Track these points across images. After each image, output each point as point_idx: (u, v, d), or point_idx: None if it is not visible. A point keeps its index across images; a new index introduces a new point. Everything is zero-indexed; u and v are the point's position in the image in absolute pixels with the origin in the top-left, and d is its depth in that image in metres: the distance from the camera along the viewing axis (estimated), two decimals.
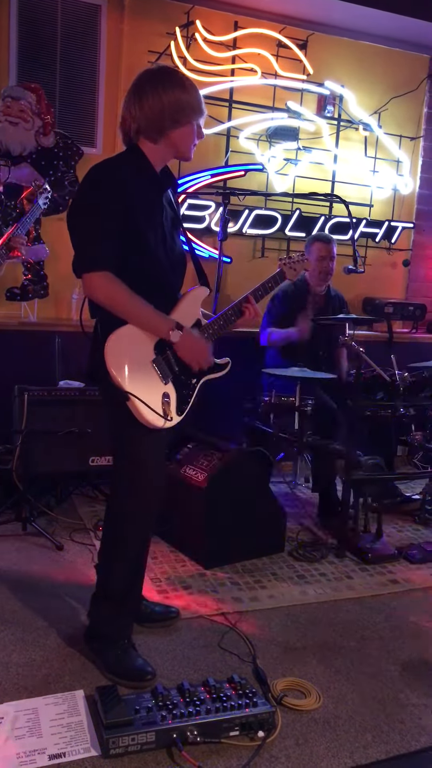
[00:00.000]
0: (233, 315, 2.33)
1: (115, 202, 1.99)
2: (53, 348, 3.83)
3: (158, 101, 2.02)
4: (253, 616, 2.59)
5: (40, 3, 4.02)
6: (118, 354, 2.03)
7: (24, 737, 1.83)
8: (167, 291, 2.17)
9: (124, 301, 2.02)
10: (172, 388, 2.15)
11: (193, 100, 2.07)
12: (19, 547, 3.08)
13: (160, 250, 2.11)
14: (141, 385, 2.05)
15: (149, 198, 2.11)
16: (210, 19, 4.33)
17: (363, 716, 2.03)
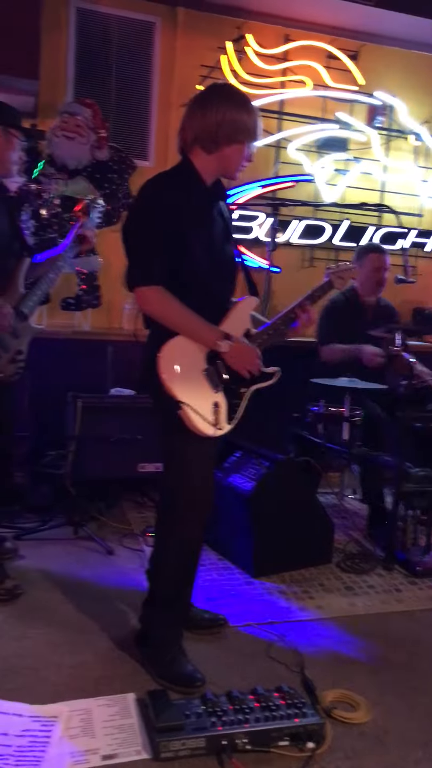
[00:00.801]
0: (282, 324, 2.35)
1: (167, 218, 2.06)
2: (105, 356, 3.92)
3: (220, 115, 2.08)
4: (301, 626, 2.60)
5: (97, 22, 4.15)
6: (171, 364, 2.09)
7: (78, 737, 1.87)
8: (216, 302, 2.22)
9: (174, 314, 2.08)
10: (222, 397, 2.18)
11: (250, 124, 2.13)
12: (71, 551, 3.15)
13: (209, 262, 2.16)
14: (192, 394, 2.09)
15: (200, 211, 2.16)
16: (261, 32, 4.39)
17: (413, 732, 2.01)
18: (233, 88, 2.21)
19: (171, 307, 2.07)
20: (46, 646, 2.34)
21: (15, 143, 2.72)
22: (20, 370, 2.77)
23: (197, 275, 2.13)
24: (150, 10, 4.25)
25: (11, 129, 2.69)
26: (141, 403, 3.62)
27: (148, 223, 2.08)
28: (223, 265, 2.24)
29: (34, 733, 1.87)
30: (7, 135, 2.68)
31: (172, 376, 2.07)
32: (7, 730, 1.87)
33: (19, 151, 2.76)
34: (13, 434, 3.12)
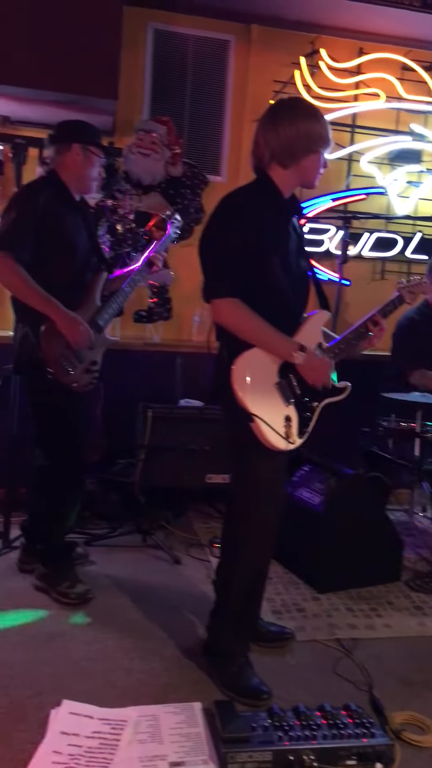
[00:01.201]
0: (354, 338, 2.34)
1: (245, 233, 2.08)
2: (175, 368, 3.98)
3: (294, 129, 2.12)
4: (369, 644, 2.56)
5: (173, 42, 4.25)
6: (244, 376, 2.10)
7: (146, 742, 1.90)
8: (291, 315, 2.24)
9: (250, 326, 2.10)
10: (294, 411, 2.19)
11: (323, 131, 2.17)
12: (139, 558, 3.21)
13: (285, 275, 2.18)
14: (265, 407, 2.10)
15: (277, 226, 2.18)
16: (334, 46, 4.39)
17: None
18: (300, 100, 2.26)
19: (246, 319, 2.10)
20: (115, 651, 2.39)
21: (94, 160, 2.80)
22: (94, 380, 2.83)
23: (274, 289, 2.15)
24: (225, 29, 4.32)
25: (90, 147, 2.77)
26: (209, 414, 3.66)
27: (227, 237, 2.11)
28: (298, 279, 2.25)
29: (104, 735, 1.91)
30: (86, 153, 2.76)
31: (244, 388, 2.09)
32: (78, 730, 1.93)
33: (99, 167, 2.84)
34: (86, 442, 3.20)
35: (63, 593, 2.74)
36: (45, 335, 2.61)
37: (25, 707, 2.03)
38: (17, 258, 2.57)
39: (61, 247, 2.70)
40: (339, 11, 4.12)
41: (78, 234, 2.79)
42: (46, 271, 2.64)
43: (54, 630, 2.50)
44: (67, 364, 2.67)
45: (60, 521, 2.87)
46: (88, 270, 2.85)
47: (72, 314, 2.65)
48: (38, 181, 2.80)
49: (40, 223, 2.61)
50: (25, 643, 2.40)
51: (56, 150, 2.77)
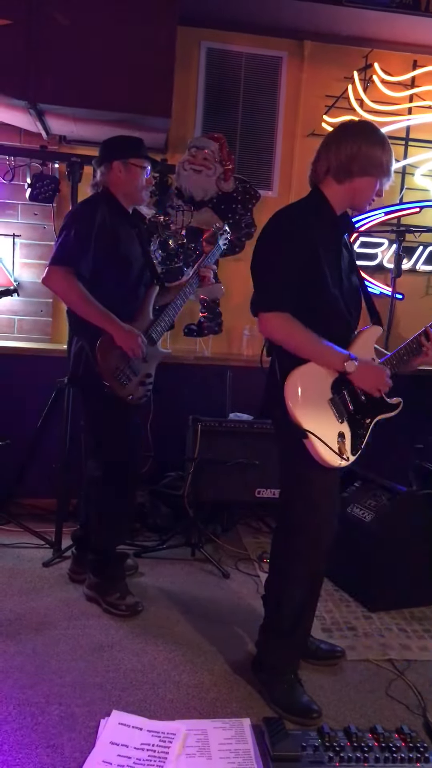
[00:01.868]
0: (406, 354, 2.31)
1: (297, 249, 2.09)
2: (225, 381, 3.99)
3: (356, 149, 2.12)
4: (423, 666, 2.49)
5: (226, 60, 4.31)
6: (297, 392, 2.08)
7: (194, 756, 1.90)
8: (343, 330, 2.22)
9: (300, 338, 2.10)
10: (347, 427, 2.17)
11: (385, 161, 2.15)
12: (189, 572, 3.21)
13: (337, 291, 2.17)
14: (318, 423, 2.09)
15: (329, 242, 2.18)
16: (388, 60, 4.37)
17: None
18: (371, 125, 2.23)
19: (296, 332, 2.09)
20: (164, 663, 2.39)
21: (138, 172, 2.81)
22: (148, 392, 2.87)
23: (327, 304, 2.15)
24: (277, 46, 4.36)
25: (130, 160, 2.80)
26: (259, 428, 3.66)
27: (279, 252, 2.12)
28: (350, 294, 2.25)
29: (153, 747, 1.92)
30: (127, 167, 2.79)
31: (297, 404, 2.07)
32: (127, 741, 1.93)
33: (144, 176, 2.84)
34: (139, 454, 3.23)
35: (113, 604, 2.77)
36: (101, 349, 2.65)
37: (76, 716, 2.05)
38: (77, 273, 2.63)
39: (117, 261, 2.75)
40: (393, 24, 4.10)
41: (132, 248, 2.83)
42: (103, 285, 2.69)
43: (104, 641, 2.52)
44: (123, 377, 2.72)
45: (112, 532, 2.90)
46: (142, 283, 2.89)
47: (128, 327, 2.69)
48: (92, 197, 2.85)
49: (97, 238, 2.66)
50: (75, 651, 2.42)
51: (101, 172, 2.85)
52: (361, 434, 2.22)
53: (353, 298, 2.28)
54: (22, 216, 4.17)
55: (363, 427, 2.23)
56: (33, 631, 2.55)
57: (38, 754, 1.87)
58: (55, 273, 2.64)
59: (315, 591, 2.33)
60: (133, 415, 2.87)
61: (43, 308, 4.24)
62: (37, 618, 2.65)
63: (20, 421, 3.70)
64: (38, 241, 4.19)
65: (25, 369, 3.85)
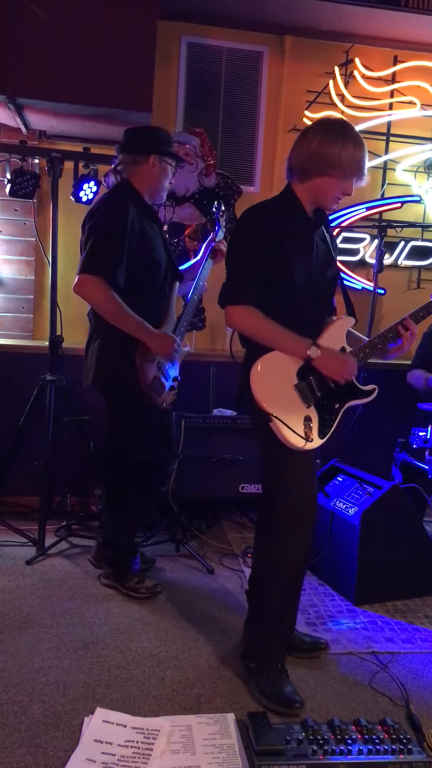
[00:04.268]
0: (380, 342, 2.33)
1: (263, 244, 2.15)
2: (209, 377, 3.99)
3: (313, 146, 2.13)
4: (406, 658, 2.51)
5: (207, 54, 4.29)
6: (262, 379, 2.16)
7: (179, 752, 1.89)
8: (313, 320, 2.27)
9: (263, 329, 2.17)
10: (315, 412, 2.22)
11: (344, 160, 2.12)
12: (173, 568, 3.21)
13: (308, 284, 2.22)
14: (283, 408, 2.15)
15: (298, 237, 2.22)
16: (369, 55, 4.38)
17: None
18: (333, 122, 2.22)
19: (259, 323, 2.16)
20: (148, 660, 2.39)
21: (168, 171, 2.78)
22: (176, 395, 2.87)
23: (295, 297, 2.21)
24: (258, 40, 4.35)
25: (166, 158, 2.75)
26: (242, 423, 3.67)
27: (245, 247, 2.19)
28: (322, 287, 2.30)
29: (137, 744, 1.91)
30: (163, 164, 2.73)
31: (263, 389, 2.15)
32: (111, 739, 1.92)
33: (171, 176, 2.81)
34: (162, 453, 3.26)
35: (133, 588, 2.83)
36: (140, 360, 2.63)
37: (59, 715, 2.04)
38: (110, 283, 2.53)
39: (149, 265, 2.68)
40: (373, 20, 4.11)
41: (159, 247, 2.75)
42: (136, 290, 2.62)
43: (88, 638, 2.50)
44: (159, 386, 2.73)
45: (130, 526, 2.93)
46: (167, 283, 2.83)
47: (162, 333, 2.68)
48: (118, 194, 2.70)
49: (130, 244, 2.57)
50: (59, 650, 2.41)
51: (132, 160, 2.72)
52: (329, 419, 2.27)
53: (328, 289, 2.33)
54: (2, 212, 4.13)
55: (332, 412, 2.28)
56: (16, 629, 2.54)
57: (21, 753, 1.86)
58: (88, 282, 2.52)
59: (297, 581, 2.33)
60: (157, 418, 2.91)
61: (24, 305, 4.21)
62: (20, 616, 2.64)
63: (2, 419, 3.67)
64: (19, 237, 4.16)
65: (6, 366, 3.82)
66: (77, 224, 2.76)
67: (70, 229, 3.87)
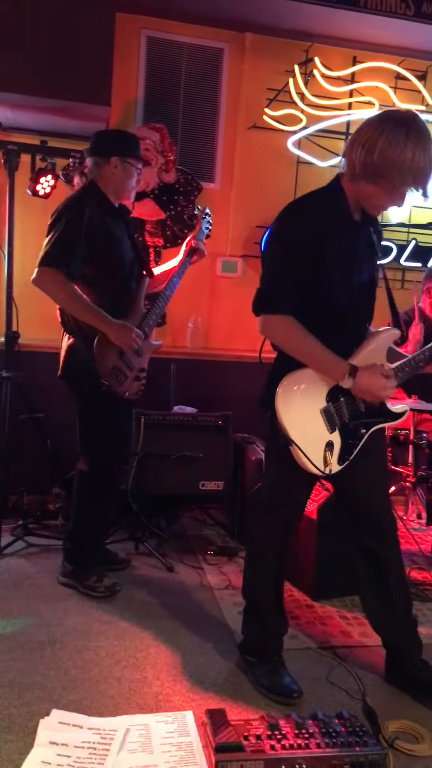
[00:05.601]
0: (422, 360, 2.21)
1: (301, 247, 2.02)
2: (169, 374, 3.97)
3: (365, 149, 1.93)
4: (363, 651, 2.53)
5: (167, 50, 4.26)
6: (289, 398, 2.05)
7: (136, 752, 1.88)
8: (348, 331, 2.14)
9: (299, 344, 2.05)
10: (338, 437, 2.12)
11: (404, 166, 1.90)
12: (132, 566, 3.18)
13: (345, 290, 2.09)
14: (306, 431, 2.06)
15: (340, 237, 2.07)
16: (328, 55, 4.41)
17: None
18: (394, 120, 1.92)
19: (295, 337, 2.04)
20: (106, 659, 2.36)
21: (132, 172, 2.84)
22: (143, 387, 2.90)
23: (333, 303, 2.08)
24: (219, 37, 4.33)
25: (128, 159, 2.81)
26: (203, 420, 3.66)
27: (282, 247, 2.06)
28: (363, 292, 2.16)
29: (94, 745, 1.89)
30: (124, 165, 2.80)
31: (287, 411, 2.03)
32: (68, 740, 1.89)
33: (137, 177, 2.88)
34: (128, 448, 3.32)
35: (91, 587, 2.82)
36: (98, 348, 2.67)
37: (13, 718, 2.00)
38: (68, 274, 2.61)
39: (108, 257, 2.75)
40: (333, 20, 4.14)
41: (122, 243, 2.83)
42: (96, 283, 2.71)
43: (44, 639, 2.46)
44: (120, 374, 2.75)
45: (94, 524, 2.94)
46: (133, 278, 2.89)
47: (121, 323, 2.70)
48: (81, 193, 2.81)
49: (88, 237, 2.64)
50: (14, 651, 2.36)
51: (94, 162, 2.82)
52: (353, 444, 2.15)
53: (365, 296, 2.18)
54: None
55: (356, 437, 2.15)
56: None
57: None
58: (44, 274, 2.62)
59: (276, 574, 2.36)
60: (124, 410, 2.94)
61: None
62: None
63: None
64: None
65: None
66: (34, 218, 2.74)
67: (27, 223, 3.80)
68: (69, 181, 3.68)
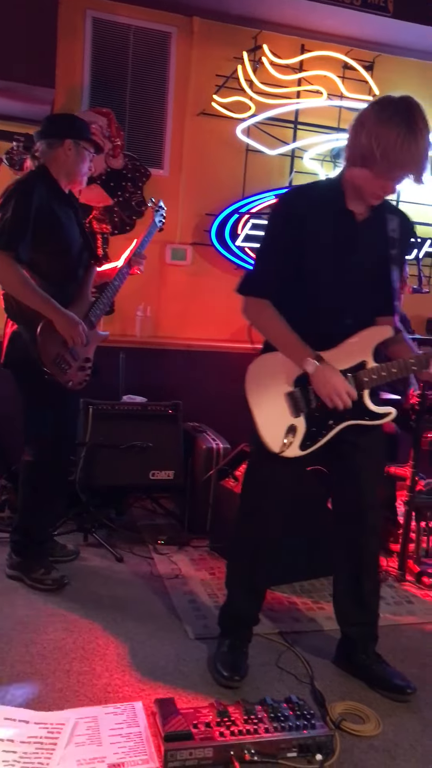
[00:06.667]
0: (415, 365, 2.04)
1: (283, 234, 2.06)
2: (117, 363, 3.92)
3: (360, 133, 1.91)
4: (311, 636, 2.57)
5: (113, 32, 4.18)
6: (256, 378, 2.14)
7: (84, 744, 1.86)
8: (327, 319, 2.10)
9: (269, 327, 2.12)
10: (303, 422, 2.12)
11: (379, 152, 1.86)
12: (81, 558, 3.14)
13: (328, 282, 2.06)
14: (268, 412, 2.12)
15: (330, 226, 2.04)
16: (277, 42, 4.40)
17: (425, 746, 1.98)
18: (381, 105, 1.90)
19: (267, 320, 2.10)
20: (54, 653, 2.33)
21: (86, 156, 2.79)
22: (88, 377, 2.85)
23: (317, 292, 2.08)
24: (166, 20, 4.27)
25: (82, 142, 2.76)
26: (153, 410, 3.64)
27: (266, 235, 2.13)
28: (353, 287, 2.09)
29: (40, 740, 1.86)
30: (78, 148, 2.75)
31: (253, 389, 2.13)
32: (14, 736, 1.86)
33: (90, 162, 2.83)
34: (74, 439, 3.26)
35: (38, 580, 2.77)
36: (42, 335, 2.60)
37: None
38: (16, 257, 2.55)
39: (56, 243, 2.69)
40: (282, 7, 4.13)
41: (71, 229, 2.78)
42: (43, 268, 2.65)
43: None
44: (63, 363, 2.68)
45: (42, 515, 2.89)
46: (81, 265, 2.84)
47: (69, 314, 2.65)
48: (29, 176, 2.73)
49: (36, 221, 2.59)
50: None
51: (47, 144, 2.75)
52: (316, 432, 2.12)
53: (355, 291, 2.10)
54: None
55: (322, 426, 2.12)
56: None
57: None
58: None
59: (256, 570, 2.36)
60: (69, 400, 2.88)
61: None
62: None
63: None
64: None
65: None
66: None
67: None
68: (13, 165, 3.58)
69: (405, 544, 3.16)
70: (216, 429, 3.78)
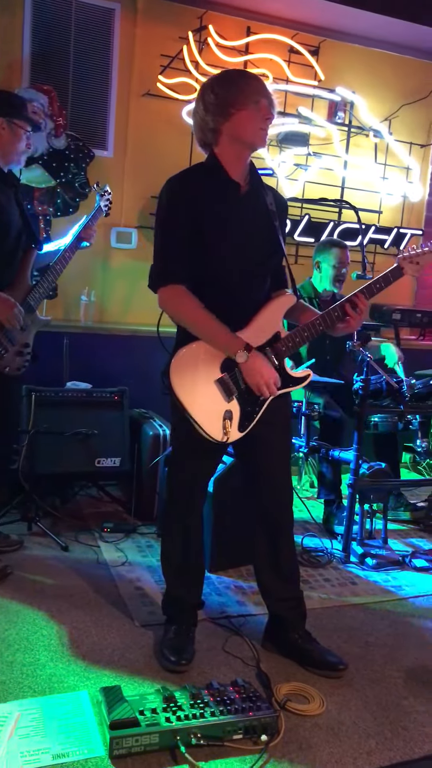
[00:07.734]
0: (322, 324, 2.18)
1: (180, 216, 2.04)
2: (61, 349, 3.85)
3: (202, 104, 2.05)
4: (257, 620, 2.59)
5: (54, 6, 4.05)
6: (183, 371, 2.08)
7: (29, 736, 1.83)
8: (238, 298, 2.12)
9: (191, 316, 2.07)
10: (237, 405, 2.13)
11: (235, 89, 2.02)
12: (24, 547, 3.08)
13: (232, 257, 2.09)
14: (202, 402, 2.08)
15: (223, 203, 2.08)
16: (223, 24, 4.36)
17: (367, 723, 2.03)
18: (214, 76, 2.11)
19: (187, 309, 2.05)
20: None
21: (21, 134, 2.70)
22: (26, 363, 2.78)
23: (221, 272, 2.09)
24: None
25: (15, 120, 2.67)
26: (98, 396, 3.59)
27: (161, 222, 2.08)
28: (255, 261, 2.14)
29: None
30: (12, 127, 2.66)
31: (181, 384, 2.07)
32: None
33: (26, 140, 2.74)
34: (16, 427, 3.19)
35: None
36: None
37: None
38: None
39: None
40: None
41: (9, 211, 2.69)
42: None
43: None
44: (0, 348, 2.60)
45: None
46: (19, 248, 2.75)
47: (4, 296, 2.57)
48: None
49: None
50: None
51: None
52: (252, 411, 2.15)
53: (261, 262, 2.16)
54: None
55: (255, 404, 2.15)
56: None
57: None
58: None
59: (187, 544, 2.36)
60: (7, 386, 2.78)
61: None
62: None
63: None
64: None
65: None
66: None
67: None
68: None
69: (349, 527, 3.22)
70: (162, 415, 3.76)
